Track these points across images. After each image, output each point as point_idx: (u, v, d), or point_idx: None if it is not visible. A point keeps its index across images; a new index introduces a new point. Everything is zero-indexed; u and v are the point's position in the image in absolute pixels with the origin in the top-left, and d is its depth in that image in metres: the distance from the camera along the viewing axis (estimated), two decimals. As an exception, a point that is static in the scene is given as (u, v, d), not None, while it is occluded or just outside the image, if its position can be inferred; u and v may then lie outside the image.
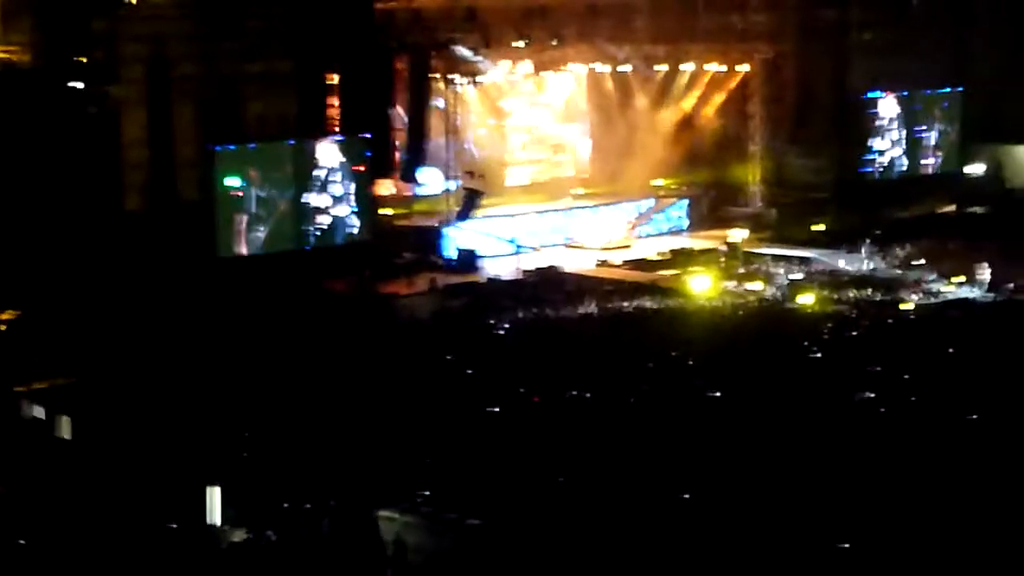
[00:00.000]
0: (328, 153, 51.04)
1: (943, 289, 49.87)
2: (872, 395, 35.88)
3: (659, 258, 54.94)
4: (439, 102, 54.57)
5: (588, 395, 36.57)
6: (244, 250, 49.20)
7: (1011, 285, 49.45)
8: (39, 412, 35.87)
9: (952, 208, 63.74)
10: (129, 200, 48.18)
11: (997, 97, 65.70)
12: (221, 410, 35.18)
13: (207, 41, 49.13)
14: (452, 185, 55.04)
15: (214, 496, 28.61)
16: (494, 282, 51.35)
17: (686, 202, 60.78)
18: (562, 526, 27.51)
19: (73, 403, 35.90)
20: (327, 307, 46.69)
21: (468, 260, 53.61)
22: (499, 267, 53.22)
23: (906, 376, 37.77)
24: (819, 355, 40.60)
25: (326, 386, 37.11)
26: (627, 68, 59.11)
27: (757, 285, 50.61)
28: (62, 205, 45.65)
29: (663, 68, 59.97)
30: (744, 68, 60.97)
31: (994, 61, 65.97)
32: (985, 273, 50.04)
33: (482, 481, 30.20)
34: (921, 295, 49.20)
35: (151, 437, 33.34)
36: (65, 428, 34.88)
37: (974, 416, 34.02)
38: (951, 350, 40.52)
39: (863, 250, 54.72)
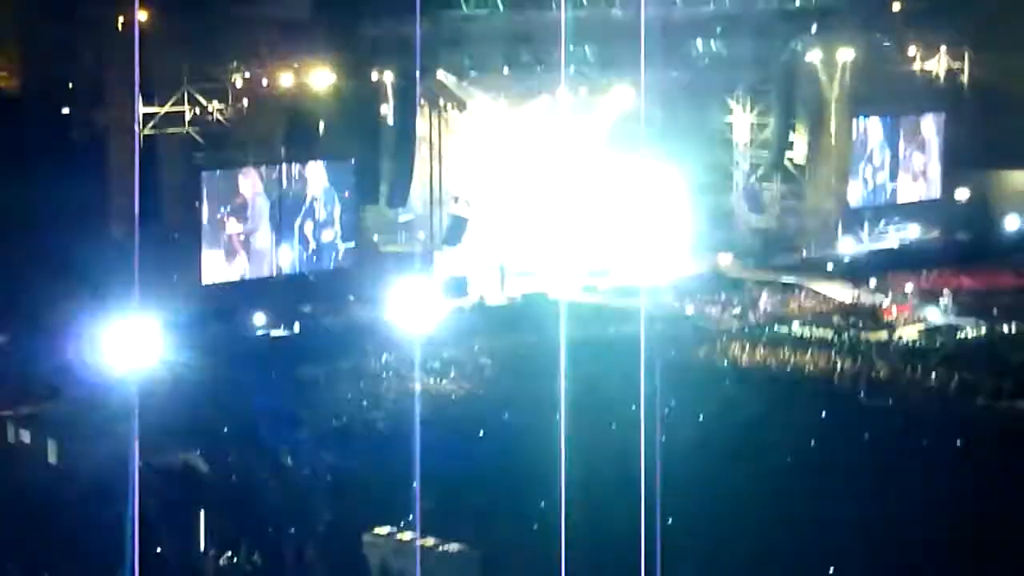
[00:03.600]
0: (314, 178, 51.10)
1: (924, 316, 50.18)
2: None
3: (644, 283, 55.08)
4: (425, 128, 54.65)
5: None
6: (231, 276, 49.13)
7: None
8: (25, 436, 35.99)
9: (937, 234, 63.94)
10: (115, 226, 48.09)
11: (982, 123, 65.85)
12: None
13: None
14: (439, 210, 55.10)
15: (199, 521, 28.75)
16: (481, 306, 51.46)
17: (670, 227, 60.89)
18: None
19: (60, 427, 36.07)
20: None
21: (456, 285, 53.75)
22: (486, 292, 53.34)
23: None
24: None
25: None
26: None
27: (739, 311, 50.87)
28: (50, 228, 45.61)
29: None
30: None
31: (977, 87, 66.19)
32: (948, 300, 50.52)
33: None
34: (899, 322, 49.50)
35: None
36: (52, 452, 35.02)
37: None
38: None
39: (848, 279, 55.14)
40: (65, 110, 48.67)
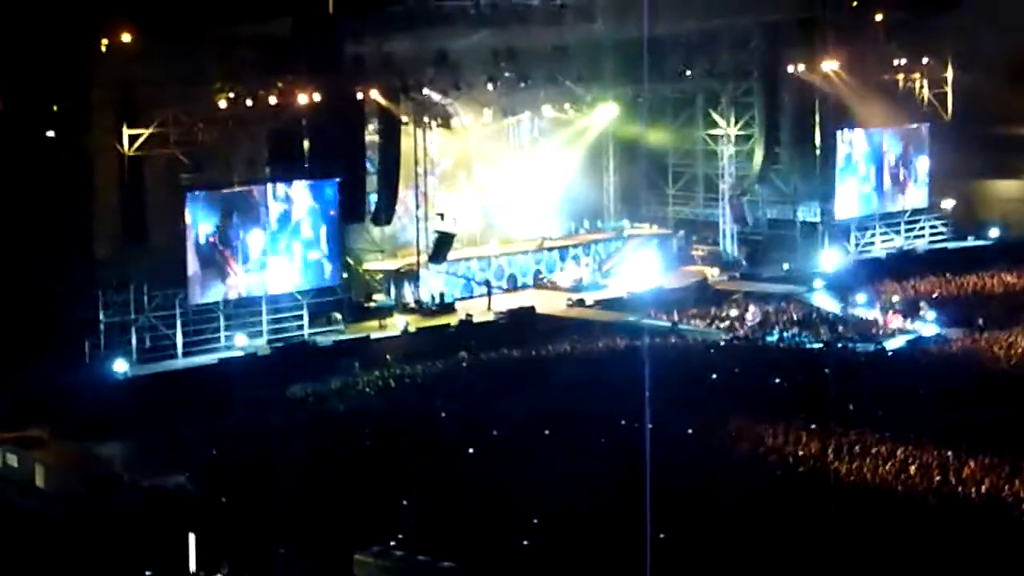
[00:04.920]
0: (299, 196, 50.97)
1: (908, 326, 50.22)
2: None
3: (630, 297, 55.15)
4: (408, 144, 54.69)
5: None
6: (216, 296, 49.01)
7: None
8: (12, 460, 35.98)
9: (922, 243, 64.11)
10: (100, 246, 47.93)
11: (966, 132, 65.91)
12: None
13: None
14: (424, 227, 55.14)
15: (191, 543, 28.70)
16: (467, 323, 51.49)
17: (655, 241, 61.09)
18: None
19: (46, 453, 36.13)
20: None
21: (441, 302, 53.81)
22: (472, 308, 53.41)
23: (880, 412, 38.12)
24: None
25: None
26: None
27: (727, 322, 50.92)
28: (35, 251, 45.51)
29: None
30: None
31: (961, 98, 66.28)
32: (929, 312, 50.49)
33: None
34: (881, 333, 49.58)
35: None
36: (39, 477, 35.01)
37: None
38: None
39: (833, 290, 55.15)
40: (49, 133, 48.48)
